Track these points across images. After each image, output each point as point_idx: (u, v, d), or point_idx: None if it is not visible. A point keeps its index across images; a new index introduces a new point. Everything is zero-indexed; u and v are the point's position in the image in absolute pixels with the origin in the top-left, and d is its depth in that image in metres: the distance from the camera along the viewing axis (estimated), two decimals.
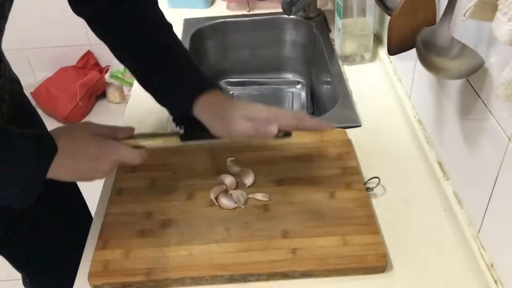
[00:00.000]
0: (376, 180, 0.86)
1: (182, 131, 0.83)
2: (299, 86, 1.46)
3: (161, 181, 0.89)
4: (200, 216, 0.82)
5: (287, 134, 0.78)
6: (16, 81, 0.94)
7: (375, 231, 0.78)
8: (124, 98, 2.67)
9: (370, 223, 0.79)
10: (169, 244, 0.78)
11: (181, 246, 0.78)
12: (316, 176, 0.88)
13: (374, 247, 0.76)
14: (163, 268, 0.75)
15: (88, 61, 2.67)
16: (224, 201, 0.83)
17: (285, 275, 0.74)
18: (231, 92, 1.45)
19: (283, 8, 1.28)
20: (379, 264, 0.74)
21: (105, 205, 0.86)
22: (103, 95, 2.73)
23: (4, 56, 0.88)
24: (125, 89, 2.63)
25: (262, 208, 0.83)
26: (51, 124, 0.82)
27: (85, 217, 1.06)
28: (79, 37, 2.59)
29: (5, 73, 0.88)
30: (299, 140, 0.95)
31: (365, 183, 0.87)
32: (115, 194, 0.88)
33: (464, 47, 0.68)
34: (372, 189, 0.86)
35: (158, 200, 0.85)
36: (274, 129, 0.74)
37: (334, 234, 0.78)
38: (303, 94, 1.42)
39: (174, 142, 0.78)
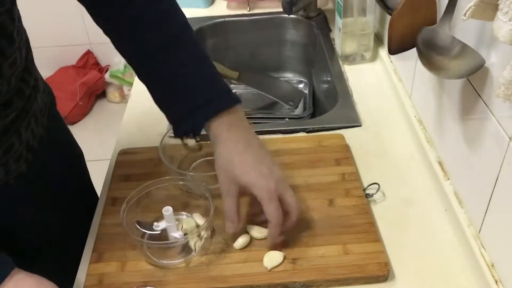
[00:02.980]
0: (375, 186, 0.86)
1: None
2: (301, 86, 1.46)
3: (157, 191, 0.86)
4: None
5: None
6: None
7: (376, 239, 0.77)
8: (124, 98, 2.67)
9: (370, 231, 0.78)
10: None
11: (179, 258, 0.76)
12: (314, 183, 0.87)
13: (375, 256, 0.75)
14: (160, 281, 0.73)
15: (88, 61, 2.67)
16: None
17: (285, 287, 0.73)
18: (233, 91, 1.45)
19: (283, 8, 1.28)
20: (381, 273, 0.73)
21: (99, 216, 0.85)
22: (103, 94, 2.73)
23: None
24: (125, 88, 2.63)
25: None
26: None
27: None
28: (79, 36, 2.59)
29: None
30: (296, 146, 0.95)
31: (364, 189, 0.86)
32: (109, 204, 0.86)
33: (464, 46, 0.67)
34: (372, 195, 0.86)
35: (153, 210, 0.83)
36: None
37: (335, 243, 0.77)
38: (306, 93, 1.42)
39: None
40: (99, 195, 0.92)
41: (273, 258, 0.75)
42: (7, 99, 0.73)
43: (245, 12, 1.46)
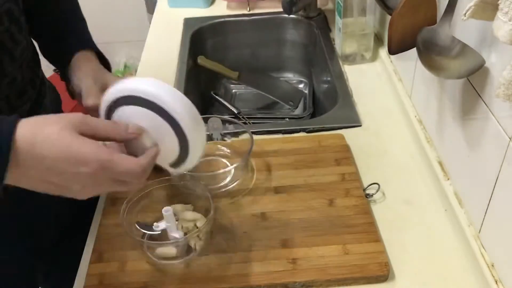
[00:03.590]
0: (375, 186, 0.86)
1: None
2: (301, 86, 1.46)
3: (157, 190, 0.86)
4: None
5: None
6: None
7: (376, 239, 0.77)
8: None
9: (370, 231, 0.78)
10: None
11: (178, 258, 0.76)
12: (314, 183, 0.87)
13: (375, 256, 0.75)
14: (160, 281, 0.73)
15: None
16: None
17: (285, 287, 0.73)
18: (233, 91, 1.45)
19: (283, 8, 1.28)
20: (381, 273, 0.73)
21: (100, 216, 0.85)
22: None
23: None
24: None
25: (260, 217, 0.82)
26: None
27: None
28: None
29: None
30: (296, 146, 0.95)
31: (364, 189, 0.86)
32: (109, 205, 0.86)
33: (464, 46, 0.67)
34: (372, 196, 0.86)
35: (153, 210, 0.82)
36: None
37: (335, 243, 0.77)
38: (306, 93, 1.42)
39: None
40: None
41: None
42: (22, 88, 0.76)
43: (245, 12, 1.46)
